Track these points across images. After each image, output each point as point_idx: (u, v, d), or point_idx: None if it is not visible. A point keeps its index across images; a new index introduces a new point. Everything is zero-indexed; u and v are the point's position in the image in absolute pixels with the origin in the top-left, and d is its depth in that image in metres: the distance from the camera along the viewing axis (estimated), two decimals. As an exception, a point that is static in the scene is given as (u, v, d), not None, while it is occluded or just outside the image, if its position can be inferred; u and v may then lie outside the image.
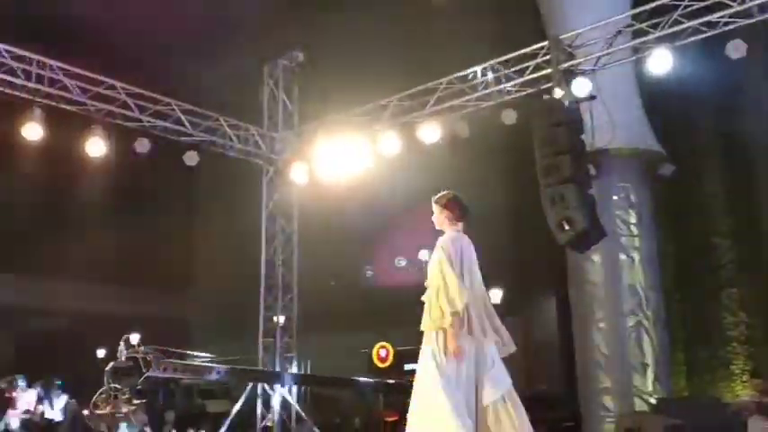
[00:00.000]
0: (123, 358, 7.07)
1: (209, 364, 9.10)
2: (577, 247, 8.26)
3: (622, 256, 10.51)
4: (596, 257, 10.38)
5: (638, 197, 10.79)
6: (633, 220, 10.65)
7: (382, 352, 22.99)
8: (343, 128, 10.87)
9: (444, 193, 4.94)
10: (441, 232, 4.83)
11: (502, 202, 20.87)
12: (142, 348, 7.21)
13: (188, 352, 8.42)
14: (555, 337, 22.48)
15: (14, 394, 13.89)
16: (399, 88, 10.35)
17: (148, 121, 10.16)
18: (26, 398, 13.94)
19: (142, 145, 9.96)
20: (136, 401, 6.75)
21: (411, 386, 4.86)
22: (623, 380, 10.20)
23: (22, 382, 14.39)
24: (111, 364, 7.04)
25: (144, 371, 7.04)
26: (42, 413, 13.27)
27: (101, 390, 6.85)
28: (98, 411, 6.84)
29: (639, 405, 9.97)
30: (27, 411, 13.38)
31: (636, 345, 10.24)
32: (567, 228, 7.59)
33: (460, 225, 4.86)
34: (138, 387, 6.86)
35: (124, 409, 6.81)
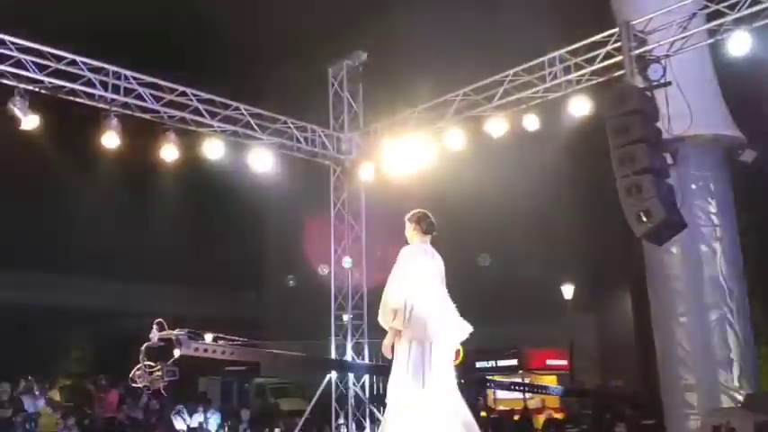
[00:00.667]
0: (156, 339, 7.57)
1: (247, 348, 9.27)
2: (656, 239, 7.95)
3: (703, 248, 10.06)
4: (675, 249, 9.98)
5: (717, 186, 10.32)
6: (713, 209, 10.18)
7: (454, 350, 22.88)
8: (409, 125, 10.86)
9: (414, 211, 5.76)
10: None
11: (572, 195, 20.48)
12: (175, 331, 7.75)
13: (233, 337, 8.75)
14: (630, 333, 21.92)
15: (100, 394, 14.50)
16: (465, 83, 10.25)
17: (219, 126, 10.41)
18: (109, 397, 14.52)
19: (214, 149, 10.20)
20: (167, 378, 7.40)
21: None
22: (707, 376, 9.76)
23: (105, 382, 15.02)
24: (145, 344, 7.55)
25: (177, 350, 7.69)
26: (125, 412, 13.78)
27: (137, 366, 7.45)
28: (134, 385, 7.59)
29: (725, 402, 9.55)
30: (110, 410, 13.94)
31: (720, 339, 9.79)
32: (644, 219, 7.32)
33: (427, 238, 5.69)
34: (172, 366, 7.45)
35: (158, 373, 7.39)
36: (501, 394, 22.92)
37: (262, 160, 10.74)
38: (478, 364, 22.75)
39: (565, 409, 20.24)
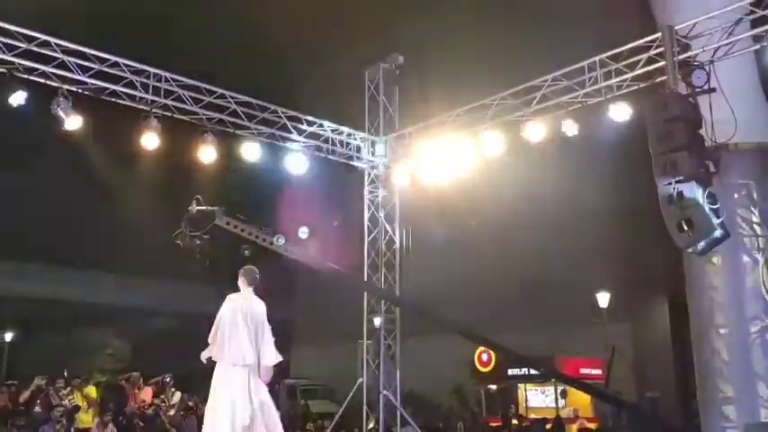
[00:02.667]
0: (195, 211, 8.99)
1: (276, 237, 9.72)
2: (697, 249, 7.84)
3: (745, 258, 9.85)
4: (717, 260, 9.79)
5: (760, 195, 10.11)
6: (756, 219, 9.96)
7: (484, 356, 22.82)
8: (445, 129, 10.86)
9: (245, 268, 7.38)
10: None
11: (610, 203, 20.26)
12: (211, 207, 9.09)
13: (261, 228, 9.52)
14: (667, 343, 21.58)
15: (134, 391, 14.74)
16: (502, 87, 10.22)
17: (256, 129, 10.55)
18: (142, 394, 14.75)
19: (250, 151, 10.34)
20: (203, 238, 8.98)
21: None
22: (747, 389, 9.55)
23: (138, 379, 15.26)
24: (186, 214, 8.99)
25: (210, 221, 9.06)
26: (158, 408, 13.98)
27: (177, 231, 9.04)
28: (179, 242, 9.04)
29: (765, 415, 9.34)
30: (143, 406, 14.16)
31: (760, 351, 9.56)
32: (686, 228, 7.22)
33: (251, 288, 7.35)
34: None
35: (198, 242, 8.97)
36: (533, 402, 22.78)
37: (297, 163, 10.85)
38: (510, 372, 22.58)
39: (598, 419, 20.03)
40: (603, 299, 21.53)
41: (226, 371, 6.82)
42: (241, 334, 6.97)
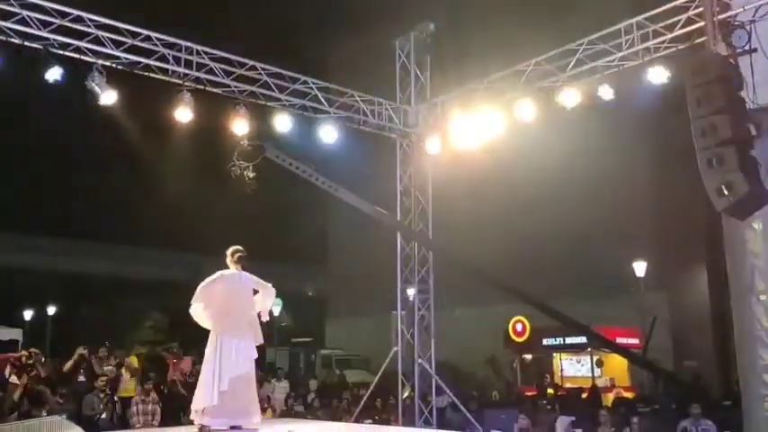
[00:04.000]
0: (246, 144, 9.77)
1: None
2: (737, 214, 7.66)
3: (787, 223, 9.65)
4: (757, 225, 9.55)
5: (804, 158, 9.84)
6: (799, 183, 9.73)
7: (518, 326, 22.78)
8: (478, 97, 10.73)
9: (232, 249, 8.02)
10: None
11: (646, 168, 19.91)
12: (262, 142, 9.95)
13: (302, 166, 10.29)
14: (706, 312, 21.29)
15: (173, 360, 15.07)
16: (536, 52, 10.03)
17: (287, 100, 10.54)
18: (182, 364, 15.07)
19: (282, 123, 10.35)
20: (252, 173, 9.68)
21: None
22: (789, 357, 9.42)
23: (178, 350, 15.60)
24: (238, 147, 9.78)
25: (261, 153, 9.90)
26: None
27: (230, 164, 9.74)
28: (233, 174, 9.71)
29: (807, 384, 9.20)
30: (185, 374, 14.47)
31: (803, 318, 9.41)
32: (726, 193, 7.05)
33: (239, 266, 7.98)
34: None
35: (251, 174, 9.67)
36: (568, 371, 22.72)
37: (329, 134, 10.85)
38: (545, 341, 22.54)
39: (635, 388, 19.93)
40: (640, 268, 21.27)
41: (218, 339, 7.66)
42: (232, 309, 7.77)
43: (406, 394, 12.07)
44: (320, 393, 15.50)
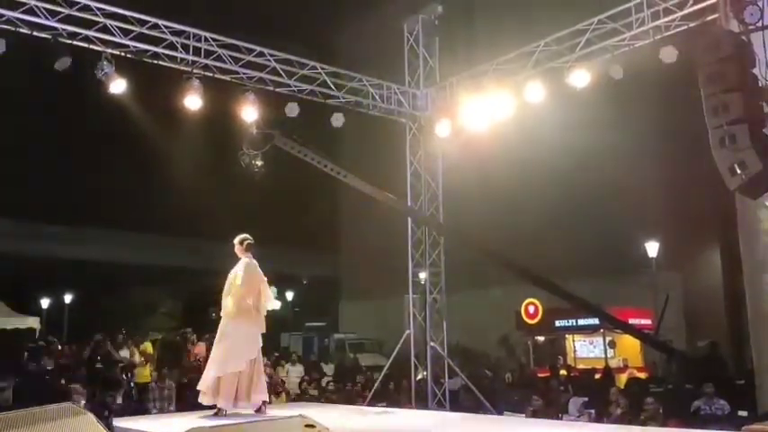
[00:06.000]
0: (255, 132, 9.79)
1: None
2: (750, 193, 7.54)
3: (801, 201, 9.56)
4: (770, 203, 9.52)
5: (818, 135, 9.72)
6: (813, 160, 9.61)
7: (531, 308, 22.74)
8: (487, 79, 10.66)
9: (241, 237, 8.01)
10: None
11: (657, 148, 19.74)
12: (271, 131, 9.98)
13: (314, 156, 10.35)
14: (719, 292, 21.16)
15: (188, 346, 15.20)
16: (545, 33, 9.93)
17: (296, 86, 10.53)
18: (196, 349, 15.20)
19: (291, 109, 10.35)
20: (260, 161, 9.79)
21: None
22: (803, 335, 9.38)
23: (192, 335, 15.72)
24: (247, 136, 9.82)
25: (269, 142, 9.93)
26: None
27: (240, 152, 9.82)
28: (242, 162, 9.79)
29: (821, 362, 9.15)
30: (199, 359, 14.59)
31: (816, 297, 9.35)
32: (738, 171, 6.96)
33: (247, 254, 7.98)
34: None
35: (259, 163, 9.76)
36: (581, 353, 22.70)
37: (338, 119, 10.84)
38: (558, 323, 22.51)
39: (648, 368, 19.88)
40: (653, 248, 21.16)
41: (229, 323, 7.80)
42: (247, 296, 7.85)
43: (419, 377, 12.12)
44: (334, 377, 15.59)
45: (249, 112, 10.00)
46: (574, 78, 9.46)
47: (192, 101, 9.54)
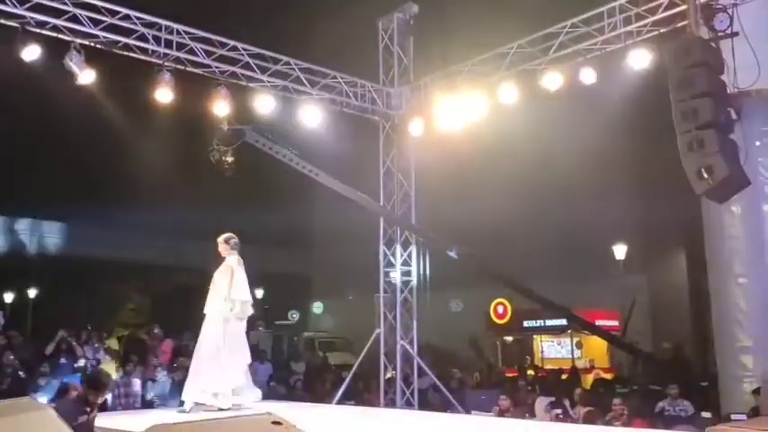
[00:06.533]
0: (226, 128, 9.79)
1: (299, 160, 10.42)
2: (717, 197, 7.68)
3: (765, 207, 9.74)
4: (736, 208, 9.69)
5: (783, 142, 9.91)
6: (778, 167, 9.81)
7: (500, 308, 22.95)
8: (461, 79, 10.69)
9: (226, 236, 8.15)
10: None
11: (626, 152, 20.01)
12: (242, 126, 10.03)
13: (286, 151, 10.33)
14: (684, 295, 21.55)
15: (153, 343, 15.00)
16: (519, 34, 9.99)
17: (269, 81, 10.42)
18: (163, 346, 15.02)
19: (264, 105, 10.25)
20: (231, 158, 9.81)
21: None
22: (765, 338, 9.55)
23: (159, 331, 15.52)
24: (217, 132, 9.85)
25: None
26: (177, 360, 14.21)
27: (210, 148, 9.84)
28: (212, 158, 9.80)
29: (783, 365, 9.33)
30: (165, 359, 14.42)
31: (780, 301, 9.53)
32: (705, 176, 7.07)
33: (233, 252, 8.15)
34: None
35: (229, 159, 9.76)
36: (548, 353, 22.96)
37: (311, 116, 10.76)
38: (526, 324, 22.79)
39: (614, 369, 20.15)
40: (620, 251, 21.51)
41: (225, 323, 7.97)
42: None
43: (388, 376, 12.10)
44: (303, 376, 15.49)
45: (221, 107, 9.89)
46: (547, 81, 9.52)
47: (163, 94, 9.40)
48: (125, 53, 9.26)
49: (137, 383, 11.69)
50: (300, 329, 28.32)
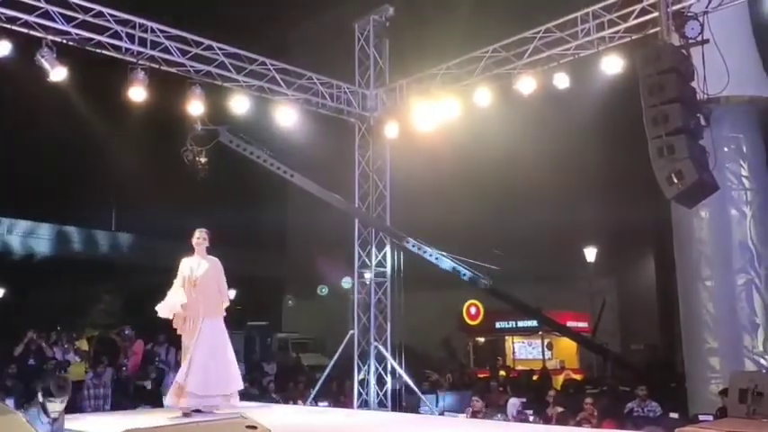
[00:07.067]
0: (200, 128, 9.77)
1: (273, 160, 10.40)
2: (686, 202, 7.79)
3: (733, 211, 9.97)
4: (704, 213, 9.89)
5: (750, 148, 10.15)
6: (745, 172, 10.04)
7: (472, 309, 23.07)
8: (436, 82, 10.71)
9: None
10: None
11: (597, 155, 20.24)
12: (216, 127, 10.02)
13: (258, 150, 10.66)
14: (653, 297, 21.85)
15: (125, 343, 14.81)
16: (494, 39, 10.03)
17: (245, 81, 10.33)
18: (135, 347, 14.83)
19: (239, 105, 10.16)
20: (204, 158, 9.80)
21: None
22: (732, 340, 9.76)
23: (130, 332, 15.32)
24: (191, 132, 9.79)
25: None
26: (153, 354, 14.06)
27: (183, 148, 9.77)
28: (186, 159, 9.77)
29: (749, 366, 9.53)
30: (135, 361, 14.24)
31: (746, 304, 9.75)
32: (675, 181, 7.16)
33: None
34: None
35: (203, 159, 9.77)
36: (520, 354, 23.13)
37: (286, 116, 10.70)
38: (498, 324, 22.94)
39: (584, 370, 20.36)
40: (591, 253, 21.77)
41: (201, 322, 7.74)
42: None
43: (361, 377, 12.07)
44: (275, 377, 15.40)
45: (195, 107, 9.78)
46: (520, 85, 9.60)
47: (136, 92, 9.25)
48: (98, 51, 9.10)
49: (107, 385, 11.53)
50: (273, 330, 28.19)
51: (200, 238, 7.95)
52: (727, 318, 9.86)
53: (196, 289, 7.73)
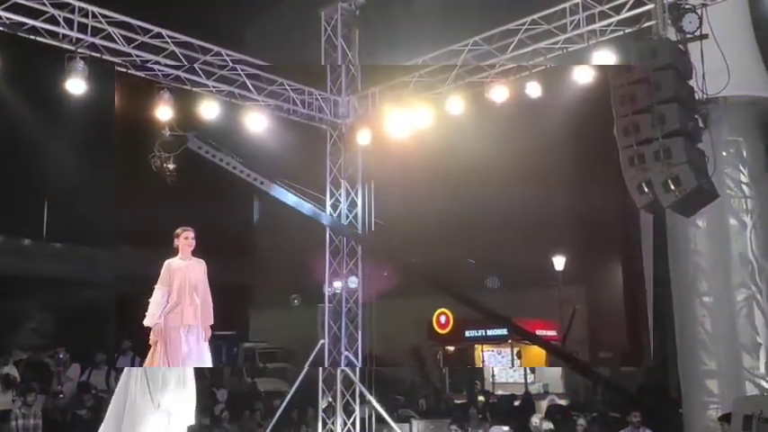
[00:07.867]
0: (168, 135, 9.99)
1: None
2: (683, 210, 7.83)
3: (732, 221, 10.00)
4: (702, 222, 9.92)
5: (750, 153, 10.23)
6: (745, 179, 10.09)
7: (442, 318, 23.69)
8: (409, 90, 10.86)
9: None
10: None
11: (566, 167, 20.84)
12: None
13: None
14: (620, 305, 22.67)
15: (58, 368, 14.43)
16: (474, 32, 10.08)
17: (214, 86, 10.35)
18: (70, 372, 14.47)
19: (208, 110, 10.20)
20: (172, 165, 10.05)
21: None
22: (731, 361, 9.75)
23: (64, 355, 14.94)
24: (159, 138, 10.01)
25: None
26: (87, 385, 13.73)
27: (151, 155, 10.03)
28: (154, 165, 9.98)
29: (750, 390, 9.56)
30: (71, 386, 13.90)
31: (747, 321, 9.77)
32: (672, 188, 7.20)
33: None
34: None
35: (171, 166, 9.98)
36: (500, 377, 23.40)
37: (257, 123, 10.80)
38: (467, 333, 23.57)
39: (570, 395, 20.53)
40: (559, 262, 22.65)
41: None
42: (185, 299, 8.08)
43: (325, 405, 11.98)
44: (230, 405, 15.13)
45: (163, 112, 9.93)
46: (493, 94, 9.96)
47: (75, 84, 9.06)
48: (32, 37, 8.87)
49: (37, 415, 11.21)
50: (240, 340, 28.09)
51: (188, 238, 8.31)
52: (726, 337, 9.87)
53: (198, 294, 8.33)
